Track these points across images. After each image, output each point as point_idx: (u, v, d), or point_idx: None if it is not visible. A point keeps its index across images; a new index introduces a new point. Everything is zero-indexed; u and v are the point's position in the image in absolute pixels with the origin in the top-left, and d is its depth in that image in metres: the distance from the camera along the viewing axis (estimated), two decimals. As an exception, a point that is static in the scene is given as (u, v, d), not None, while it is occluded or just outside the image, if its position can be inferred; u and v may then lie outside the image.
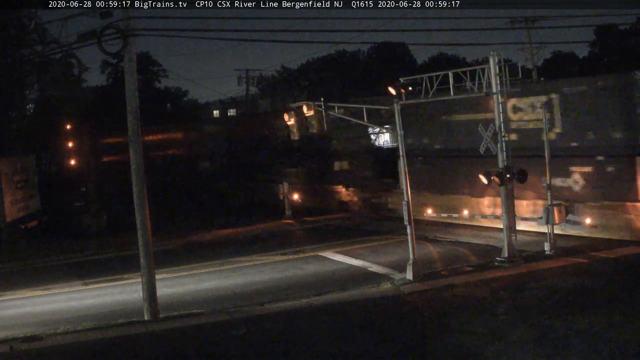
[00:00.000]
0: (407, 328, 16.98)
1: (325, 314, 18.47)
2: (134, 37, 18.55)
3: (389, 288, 20.89)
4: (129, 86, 19.01)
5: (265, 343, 16.42)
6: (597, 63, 62.46)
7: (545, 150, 24.49)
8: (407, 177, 22.26)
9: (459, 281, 20.93)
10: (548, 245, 23.82)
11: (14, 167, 37.40)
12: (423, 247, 26.38)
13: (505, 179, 22.71)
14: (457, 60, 75.76)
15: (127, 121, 19.10)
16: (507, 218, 23.07)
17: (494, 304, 18.29)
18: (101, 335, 17.49)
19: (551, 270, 21.53)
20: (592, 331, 15.31)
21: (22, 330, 18.28)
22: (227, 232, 35.56)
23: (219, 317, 18.72)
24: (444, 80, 23.71)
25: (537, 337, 15.13)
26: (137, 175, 19.07)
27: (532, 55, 48.71)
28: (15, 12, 34.36)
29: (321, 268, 24.83)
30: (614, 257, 22.79)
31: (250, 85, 69.09)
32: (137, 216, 19.15)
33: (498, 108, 23.20)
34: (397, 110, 22.44)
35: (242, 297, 21.01)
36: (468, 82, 23.59)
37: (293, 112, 27.47)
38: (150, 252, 19.22)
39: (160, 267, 22.34)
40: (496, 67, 22.88)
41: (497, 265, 22.64)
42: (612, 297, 18.18)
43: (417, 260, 21.75)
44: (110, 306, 21.04)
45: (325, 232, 33.24)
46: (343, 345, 15.71)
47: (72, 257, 30.82)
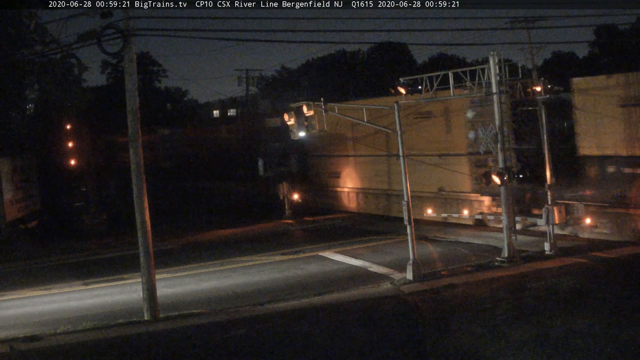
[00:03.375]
0: (407, 328, 16.98)
1: (325, 314, 18.48)
2: (134, 37, 18.55)
3: (389, 288, 20.90)
4: (129, 86, 19.02)
5: (265, 343, 16.42)
6: (597, 63, 62.51)
7: (545, 150, 24.50)
8: (407, 177, 22.27)
9: (459, 281, 20.93)
10: (548, 245, 23.82)
11: (14, 167, 37.39)
12: (423, 247, 26.38)
13: (505, 179, 22.72)
14: (457, 60, 75.82)
15: (127, 121, 19.11)
16: (507, 218, 23.07)
17: (494, 304, 18.28)
18: (101, 335, 17.50)
19: (551, 270, 21.54)
20: (592, 331, 15.31)
21: (22, 330, 18.27)
22: (227, 232, 35.56)
23: (219, 317, 18.72)
24: (444, 80, 23.73)
25: (537, 337, 15.14)
26: (137, 175, 19.08)
27: (532, 55, 48.71)
28: (15, 12, 34.35)
29: (321, 268, 24.83)
30: (614, 257, 22.80)
31: (250, 85, 69.01)
32: (137, 216, 19.15)
33: (498, 108, 23.21)
34: (397, 110, 22.45)
35: (242, 297, 21.01)
36: (468, 82, 23.61)
37: (293, 112, 27.42)
38: (150, 252, 19.22)
39: (160, 267, 22.35)
40: (496, 67, 22.89)
41: (497, 265, 22.64)
42: (612, 297, 18.18)
43: (417, 260, 21.76)
44: (110, 306, 21.04)
45: (325, 232, 33.24)
46: (343, 345, 15.72)
47: (72, 257, 30.82)
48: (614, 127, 25.51)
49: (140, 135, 19.22)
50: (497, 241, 25.33)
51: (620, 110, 25.34)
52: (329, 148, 40.58)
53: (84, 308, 21.06)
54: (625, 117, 25.16)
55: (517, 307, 17.87)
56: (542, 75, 49.55)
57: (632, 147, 25.07)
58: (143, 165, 19.17)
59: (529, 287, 19.84)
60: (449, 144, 32.09)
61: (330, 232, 33.17)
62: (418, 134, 31.98)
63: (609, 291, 18.86)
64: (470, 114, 30.12)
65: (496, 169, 23.21)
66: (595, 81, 26.85)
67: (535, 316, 16.76)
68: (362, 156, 38.11)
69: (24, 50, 36.69)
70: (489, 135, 23.51)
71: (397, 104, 22.61)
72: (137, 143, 19.06)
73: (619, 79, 25.62)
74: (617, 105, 25.48)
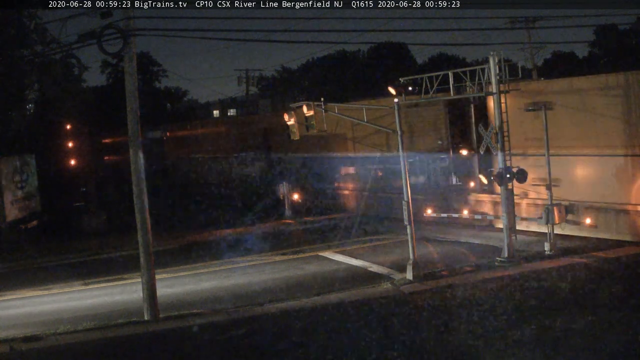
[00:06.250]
0: (407, 328, 16.98)
1: (325, 314, 18.47)
2: (134, 37, 18.55)
3: (389, 288, 20.90)
4: (129, 86, 19.02)
5: (265, 343, 16.42)
6: (597, 63, 62.53)
7: (545, 150, 24.50)
8: (407, 177, 22.27)
9: (459, 281, 20.93)
10: (548, 245, 23.82)
11: (14, 167, 37.37)
12: (423, 247, 26.36)
13: (505, 179, 22.72)
14: (457, 60, 75.86)
15: (127, 121, 19.11)
16: (507, 218, 23.07)
17: (494, 304, 18.28)
18: (101, 335, 17.50)
19: (551, 270, 21.53)
20: (592, 331, 15.32)
21: (22, 330, 18.27)
22: (227, 232, 35.53)
23: (219, 317, 18.72)
24: (444, 80, 23.72)
25: (537, 337, 15.14)
26: (137, 175, 19.08)
27: (532, 55, 48.78)
28: (15, 12, 34.34)
29: (321, 268, 24.82)
30: (614, 257, 22.79)
31: (250, 85, 69.07)
32: (137, 216, 19.15)
33: (498, 108, 23.21)
34: (397, 110, 22.45)
35: (242, 297, 21.01)
36: (468, 82, 23.62)
37: (293, 112, 27.46)
38: (150, 252, 19.22)
39: (160, 267, 22.32)
40: (496, 67, 22.90)
41: (497, 265, 22.65)
42: (612, 297, 18.18)
43: (417, 260, 21.76)
44: (110, 306, 21.04)
45: (325, 232, 33.21)
46: (343, 345, 15.72)
47: (72, 257, 30.78)
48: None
49: (141, 135, 19.23)
50: (497, 241, 25.32)
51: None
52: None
53: (84, 308, 21.05)
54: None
55: (517, 307, 17.88)
56: (541, 75, 49.70)
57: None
58: (143, 165, 19.18)
59: (529, 287, 19.85)
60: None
61: (330, 232, 33.14)
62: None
63: (609, 291, 18.87)
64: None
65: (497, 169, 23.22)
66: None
67: (535, 316, 16.76)
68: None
69: (24, 50, 36.68)
70: (489, 135, 23.52)
71: (397, 104, 22.61)
72: (137, 143, 19.06)
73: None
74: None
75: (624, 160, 24.60)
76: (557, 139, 25.24)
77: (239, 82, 67.31)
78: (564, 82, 28.70)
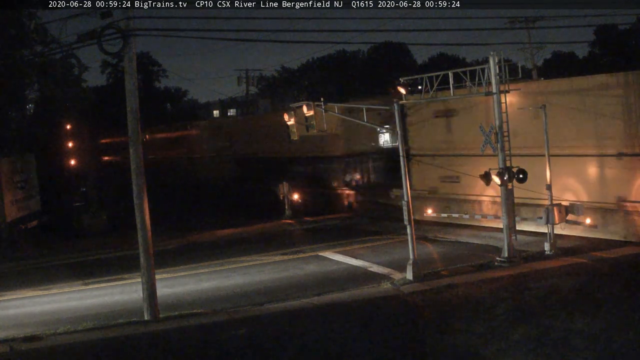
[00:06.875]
0: (407, 328, 16.98)
1: (325, 314, 18.47)
2: (134, 37, 18.55)
3: (389, 288, 20.89)
4: (129, 86, 19.02)
5: (265, 343, 16.42)
6: (597, 63, 62.54)
7: (546, 150, 24.48)
8: (407, 177, 22.25)
9: (459, 281, 20.92)
10: (548, 245, 23.81)
11: (14, 167, 37.38)
12: (423, 247, 26.36)
13: (505, 178, 22.70)
14: (458, 60, 75.91)
15: (127, 121, 19.11)
16: (507, 218, 23.06)
17: (494, 304, 18.28)
18: (101, 335, 17.50)
19: (551, 270, 21.53)
20: (592, 331, 15.32)
21: (22, 330, 18.27)
22: (227, 232, 35.54)
23: (219, 317, 18.72)
24: (444, 80, 23.70)
25: (537, 337, 15.14)
26: (137, 175, 19.08)
27: (532, 55, 48.75)
28: (15, 12, 34.31)
29: (321, 268, 24.82)
30: (614, 257, 22.79)
31: (250, 85, 69.07)
32: (137, 216, 19.15)
33: (498, 108, 23.20)
34: (397, 110, 22.44)
35: (242, 297, 21.01)
36: (468, 82, 23.60)
37: (293, 112, 27.44)
38: (150, 252, 19.22)
39: (160, 267, 22.33)
40: (496, 67, 22.89)
41: (497, 265, 22.63)
42: (612, 297, 18.18)
43: (417, 260, 21.75)
44: (110, 306, 21.04)
45: (325, 232, 33.22)
46: (343, 345, 15.72)
47: (72, 257, 30.80)
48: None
49: (141, 135, 19.23)
50: (497, 241, 25.31)
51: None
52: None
53: (84, 308, 21.06)
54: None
55: (517, 307, 17.87)
56: (541, 75, 49.67)
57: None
58: (143, 165, 19.19)
59: (529, 287, 19.84)
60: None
61: (330, 232, 33.15)
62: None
63: (609, 291, 18.87)
64: None
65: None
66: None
67: (535, 316, 16.76)
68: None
69: (24, 50, 36.64)
70: (489, 135, 23.50)
71: (397, 104, 22.60)
72: (137, 143, 19.06)
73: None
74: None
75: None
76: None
77: (239, 82, 67.35)
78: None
